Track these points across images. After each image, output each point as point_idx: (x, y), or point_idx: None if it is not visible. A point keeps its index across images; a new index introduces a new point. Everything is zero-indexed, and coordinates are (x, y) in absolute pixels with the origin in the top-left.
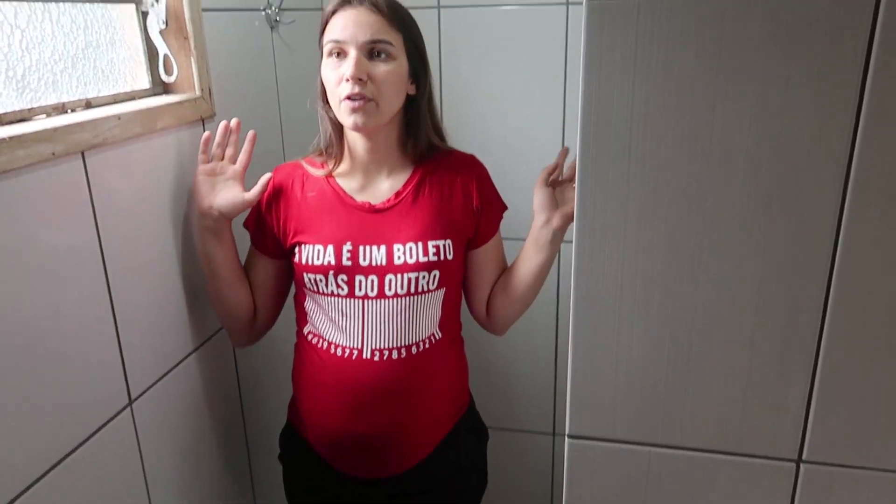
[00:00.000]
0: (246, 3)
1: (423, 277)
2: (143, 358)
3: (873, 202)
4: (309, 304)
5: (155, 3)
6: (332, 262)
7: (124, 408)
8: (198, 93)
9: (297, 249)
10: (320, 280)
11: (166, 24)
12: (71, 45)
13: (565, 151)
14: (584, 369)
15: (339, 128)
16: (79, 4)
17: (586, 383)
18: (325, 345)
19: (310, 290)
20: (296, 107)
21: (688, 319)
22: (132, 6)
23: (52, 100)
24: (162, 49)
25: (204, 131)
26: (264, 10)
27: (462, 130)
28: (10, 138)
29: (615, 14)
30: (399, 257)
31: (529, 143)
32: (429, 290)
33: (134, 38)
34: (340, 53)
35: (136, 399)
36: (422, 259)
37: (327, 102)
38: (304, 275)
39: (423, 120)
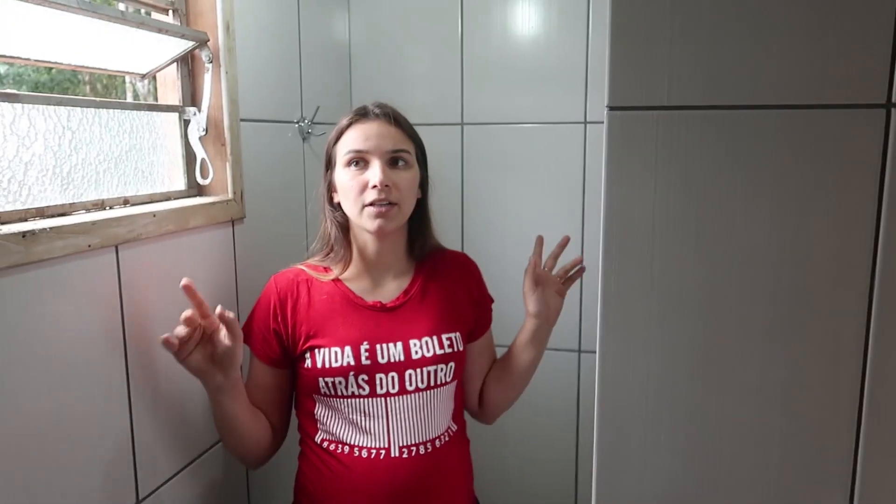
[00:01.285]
0: (281, 115)
1: (441, 370)
2: (154, 457)
3: None
4: (321, 411)
5: (197, 113)
6: (352, 363)
7: None
8: (230, 195)
9: (308, 355)
10: (339, 382)
11: (206, 132)
12: (116, 147)
13: (540, 240)
14: (608, 479)
15: (345, 232)
16: (127, 111)
17: (612, 494)
18: (347, 449)
19: (325, 395)
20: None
21: (716, 427)
22: (175, 115)
23: (92, 196)
24: (200, 154)
25: (233, 232)
26: (298, 122)
27: (482, 240)
28: (51, 229)
29: (635, 124)
30: (416, 352)
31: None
32: (445, 383)
33: (174, 143)
34: (360, 162)
35: (143, 499)
36: (438, 352)
37: (333, 206)
38: (320, 379)
39: (427, 223)
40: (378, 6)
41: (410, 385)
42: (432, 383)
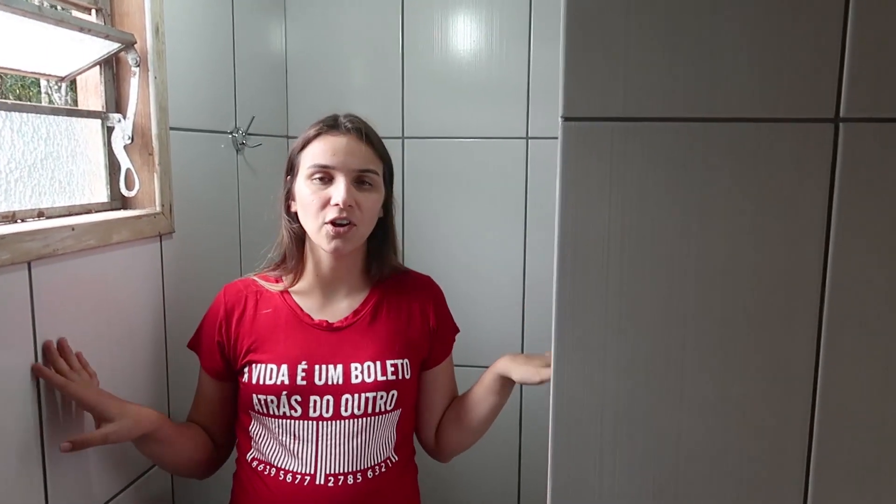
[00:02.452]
0: (214, 124)
1: (381, 397)
2: (70, 494)
3: (853, 319)
4: (255, 428)
5: (122, 119)
6: (286, 382)
7: None
8: (158, 209)
9: (247, 369)
10: (271, 401)
11: (132, 140)
12: (29, 155)
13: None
14: (563, 498)
15: (299, 243)
16: (43, 116)
17: None
18: (273, 471)
19: (258, 412)
20: (256, 228)
21: (673, 444)
22: (98, 121)
23: (1, 208)
24: (125, 164)
25: (161, 247)
26: (231, 133)
27: (424, 256)
28: None
29: (589, 136)
30: (357, 376)
31: (491, 268)
32: (386, 411)
33: (96, 151)
34: (325, 178)
35: None
36: (380, 378)
37: (290, 215)
38: (254, 396)
39: (389, 243)
40: (315, 16)
41: (346, 411)
42: (370, 410)
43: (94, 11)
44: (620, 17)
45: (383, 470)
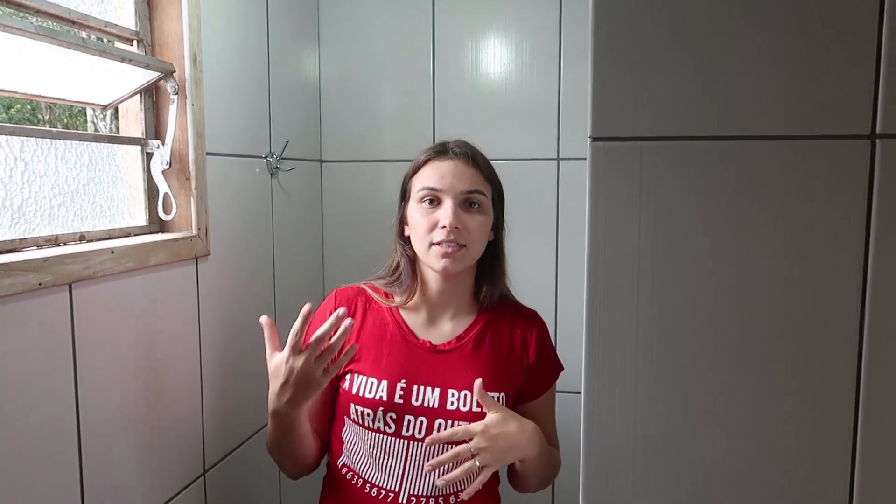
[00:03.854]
0: (249, 149)
1: None
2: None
3: (892, 338)
4: (348, 435)
5: (161, 145)
6: (384, 398)
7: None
8: (194, 231)
9: (348, 377)
10: (368, 414)
11: (170, 165)
12: (72, 181)
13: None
14: None
15: (412, 266)
16: (86, 143)
17: None
18: (360, 482)
19: (354, 420)
20: (290, 251)
21: (708, 470)
22: (137, 147)
23: (45, 232)
24: (163, 188)
25: (197, 269)
26: (266, 157)
27: None
28: None
29: (618, 156)
30: (452, 403)
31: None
32: None
33: (136, 176)
34: (434, 200)
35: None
36: (475, 409)
37: (403, 239)
38: (352, 405)
39: (499, 267)
40: (349, 42)
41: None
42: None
43: (135, 42)
44: (648, 37)
45: (466, 498)
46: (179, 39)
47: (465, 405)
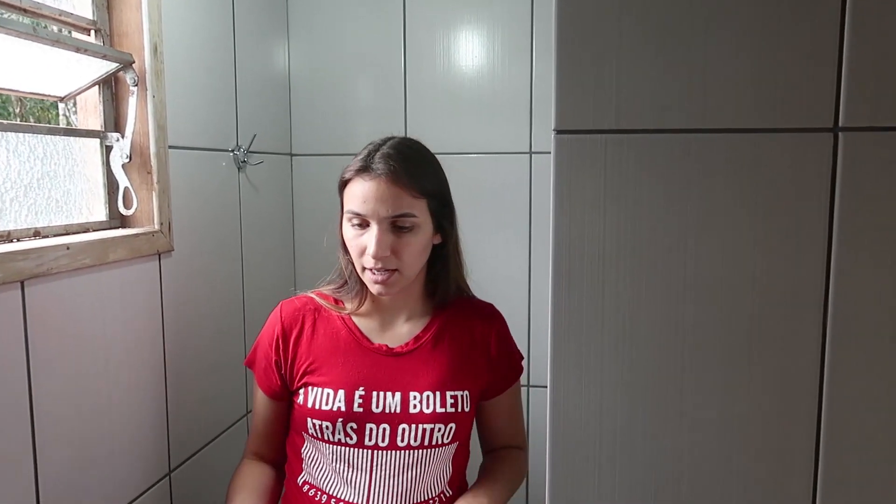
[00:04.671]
0: (214, 143)
1: (439, 430)
2: None
3: (858, 331)
4: (308, 451)
5: (121, 139)
6: (342, 408)
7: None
8: (156, 227)
9: (302, 391)
10: (326, 427)
11: (129, 159)
12: (25, 175)
13: None
14: None
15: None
16: (40, 136)
17: None
18: (324, 498)
19: (313, 436)
20: (259, 247)
21: (674, 464)
22: (96, 140)
23: None
24: (123, 182)
25: (160, 266)
26: (233, 150)
27: None
28: None
29: (583, 148)
30: (415, 406)
31: (495, 285)
32: (442, 444)
33: (95, 170)
34: (362, 223)
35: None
36: (439, 410)
37: (347, 252)
38: (309, 420)
39: (452, 267)
40: (318, 34)
41: (402, 441)
42: (427, 442)
43: (93, 32)
44: (613, 29)
45: None
46: (139, 29)
47: (428, 407)
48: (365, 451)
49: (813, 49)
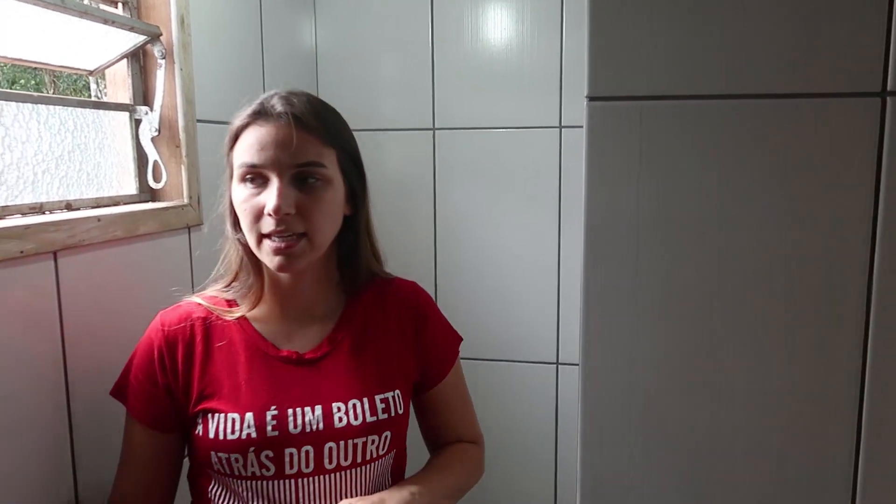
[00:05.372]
0: None
1: (373, 442)
2: (101, 480)
3: None
4: (216, 490)
5: (149, 112)
6: (253, 435)
7: None
8: (185, 200)
9: (200, 420)
10: (235, 460)
11: (158, 132)
12: (57, 147)
13: None
14: (595, 501)
15: (254, 260)
16: (70, 108)
17: None
18: None
19: (219, 472)
20: None
21: (707, 441)
22: (125, 114)
23: (28, 199)
24: (152, 156)
25: (190, 239)
26: None
27: (455, 250)
28: None
29: (616, 116)
30: (340, 419)
31: (525, 261)
32: (378, 457)
33: (124, 143)
34: (257, 179)
35: None
36: (369, 419)
37: (238, 229)
38: (213, 454)
39: (363, 245)
40: (345, 9)
41: (330, 462)
42: (360, 459)
43: (120, 4)
44: None
45: None
46: (166, 1)
47: (356, 418)
48: (287, 481)
49: (861, 10)
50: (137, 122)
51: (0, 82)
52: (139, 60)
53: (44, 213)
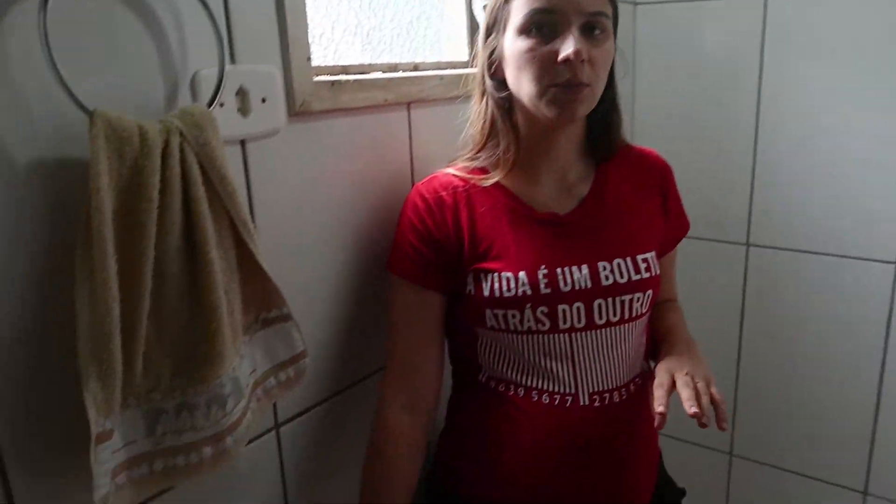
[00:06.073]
0: None
1: (638, 300)
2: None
3: None
4: (486, 346)
5: None
6: (528, 292)
7: (269, 430)
8: None
9: (471, 279)
10: (513, 316)
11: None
12: (407, 13)
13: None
14: None
15: (510, 120)
16: None
17: None
18: (522, 392)
19: (494, 328)
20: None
21: None
22: None
23: (386, 59)
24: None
25: None
26: None
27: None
28: (354, 82)
29: None
30: (607, 277)
31: (865, 141)
32: (641, 314)
33: (459, 13)
34: (544, 28)
35: (283, 423)
36: (634, 277)
37: (496, 82)
38: (488, 311)
39: (616, 110)
40: None
41: (601, 318)
42: (626, 316)
43: None
44: None
45: (641, 382)
46: None
47: (622, 276)
48: (561, 335)
49: None
50: None
51: None
52: None
53: (397, 71)
